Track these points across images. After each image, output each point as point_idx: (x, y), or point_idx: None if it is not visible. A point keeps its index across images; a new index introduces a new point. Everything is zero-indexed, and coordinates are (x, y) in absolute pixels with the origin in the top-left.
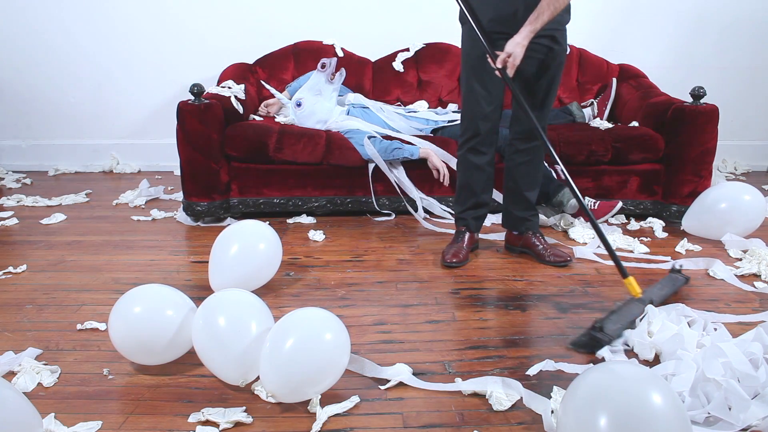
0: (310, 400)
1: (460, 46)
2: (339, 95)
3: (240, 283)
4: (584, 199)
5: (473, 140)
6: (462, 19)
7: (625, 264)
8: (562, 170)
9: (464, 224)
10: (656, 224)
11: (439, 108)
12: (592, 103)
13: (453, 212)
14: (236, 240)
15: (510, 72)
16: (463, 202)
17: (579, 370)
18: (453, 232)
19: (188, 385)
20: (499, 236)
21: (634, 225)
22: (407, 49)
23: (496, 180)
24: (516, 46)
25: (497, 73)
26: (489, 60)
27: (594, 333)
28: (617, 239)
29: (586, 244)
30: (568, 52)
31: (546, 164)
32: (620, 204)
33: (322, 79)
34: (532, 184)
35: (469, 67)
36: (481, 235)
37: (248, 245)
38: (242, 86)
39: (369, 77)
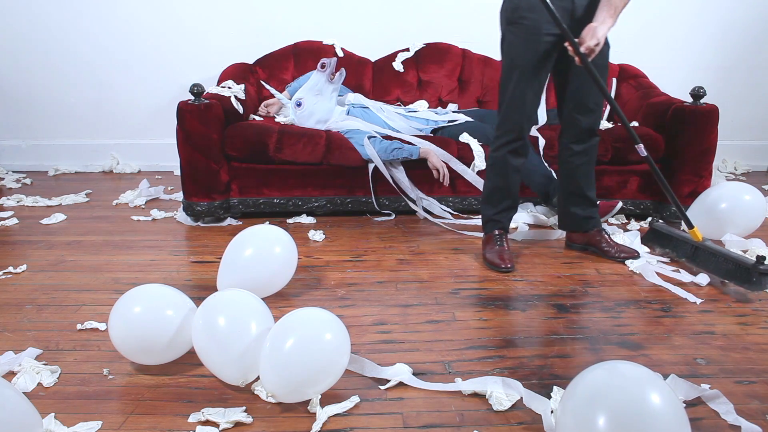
0: (310, 400)
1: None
2: (339, 95)
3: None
4: None
5: (516, 143)
6: (510, 19)
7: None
8: (643, 150)
9: (500, 226)
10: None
11: (439, 108)
12: None
13: (483, 213)
14: (251, 244)
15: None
16: (496, 204)
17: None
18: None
19: (188, 385)
20: None
21: (634, 225)
22: (407, 49)
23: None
24: (602, 36)
25: (577, 61)
26: (569, 48)
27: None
28: (618, 240)
29: None
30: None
31: (546, 164)
32: (620, 204)
33: (322, 79)
34: (592, 182)
35: (520, 70)
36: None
37: (264, 251)
38: (242, 86)
39: (369, 77)
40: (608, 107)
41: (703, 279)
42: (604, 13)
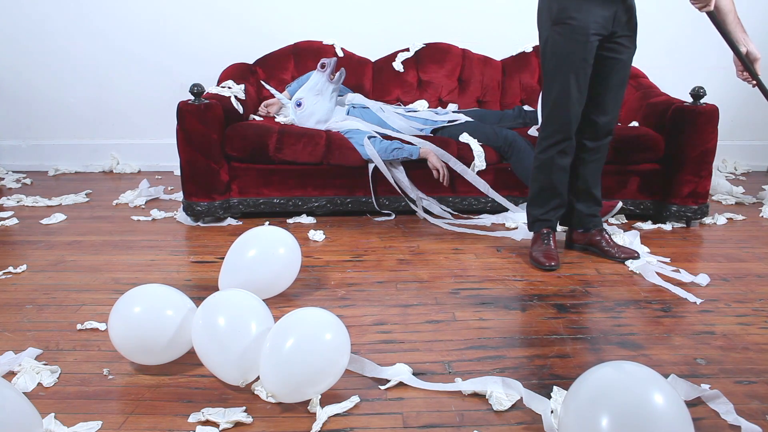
0: (310, 400)
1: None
2: (339, 95)
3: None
4: None
5: (564, 143)
6: (556, 20)
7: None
8: None
9: (549, 225)
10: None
11: (439, 108)
12: None
13: (530, 213)
14: (255, 245)
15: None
16: (544, 204)
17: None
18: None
19: (188, 385)
20: (501, 235)
21: (639, 225)
22: (407, 49)
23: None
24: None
25: (742, 77)
26: (738, 66)
27: None
28: (619, 240)
29: None
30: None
31: None
32: (620, 204)
33: (322, 79)
34: (599, 181)
35: (567, 70)
36: (484, 233)
37: (268, 253)
38: (242, 86)
39: (369, 77)
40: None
41: (703, 279)
42: (740, 33)
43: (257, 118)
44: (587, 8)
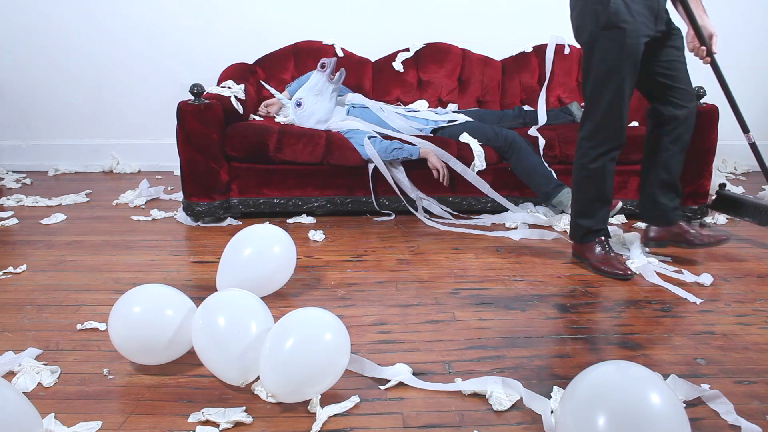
0: (310, 400)
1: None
2: (339, 95)
3: (250, 288)
4: None
5: (617, 150)
6: (607, 24)
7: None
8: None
9: (603, 233)
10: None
11: (439, 108)
12: None
13: (579, 226)
14: (250, 243)
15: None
16: (595, 213)
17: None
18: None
19: (188, 385)
20: (501, 235)
21: (639, 226)
22: (407, 49)
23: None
24: (713, 28)
25: (706, 60)
26: (700, 47)
27: None
28: (619, 239)
29: None
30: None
31: (546, 164)
32: (620, 204)
33: (322, 79)
34: (681, 170)
35: (619, 76)
36: (484, 233)
37: (263, 251)
38: (242, 86)
39: (369, 77)
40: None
41: (706, 279)
42: (700, 10)
43: (257, 118)
44: (637, 12)
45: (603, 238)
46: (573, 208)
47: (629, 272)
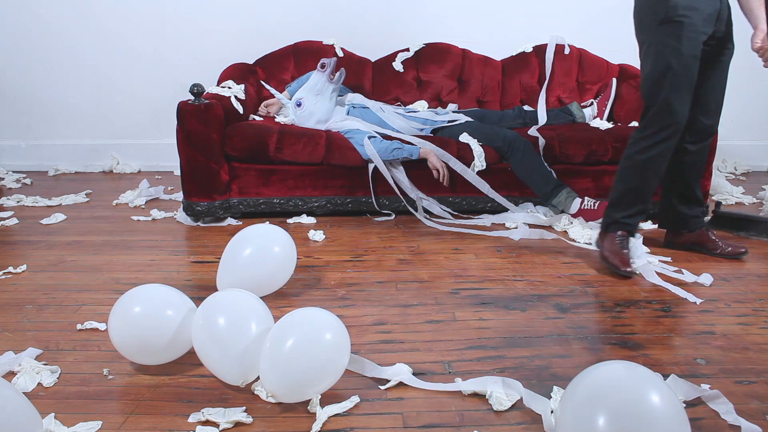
0: (310, 400)
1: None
2: (339, 95)
3: (250, 288)
4: (584, 199)
5: (667, 142)
6: (666, 18)
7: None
8: None
9: (628, 229)
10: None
11: (439, 108)
12: (592, 103)
13: (609, 215)
14: (250, 243)
15: None
16: (628, 206)
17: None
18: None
19: (188, 385)
20: (501, 235)
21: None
22: (407, 49)
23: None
24: None
25: (761, 52)
26: (759, 43)
27: None
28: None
29: (589, 244)
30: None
31: (546, 164)
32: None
33: (322, 79)
34: (700, 182)
35: (676, 71)
36: (484, 233)
37: (263, 250)
38: (242, 86)
39: (369, 77)
40: (608, 107)
41: (706, 279)
42: (763, 9)
43: (257, 118)
44: (697, 6)
45: (624, 233)
46: (609, 197)
47: (629, 270)
